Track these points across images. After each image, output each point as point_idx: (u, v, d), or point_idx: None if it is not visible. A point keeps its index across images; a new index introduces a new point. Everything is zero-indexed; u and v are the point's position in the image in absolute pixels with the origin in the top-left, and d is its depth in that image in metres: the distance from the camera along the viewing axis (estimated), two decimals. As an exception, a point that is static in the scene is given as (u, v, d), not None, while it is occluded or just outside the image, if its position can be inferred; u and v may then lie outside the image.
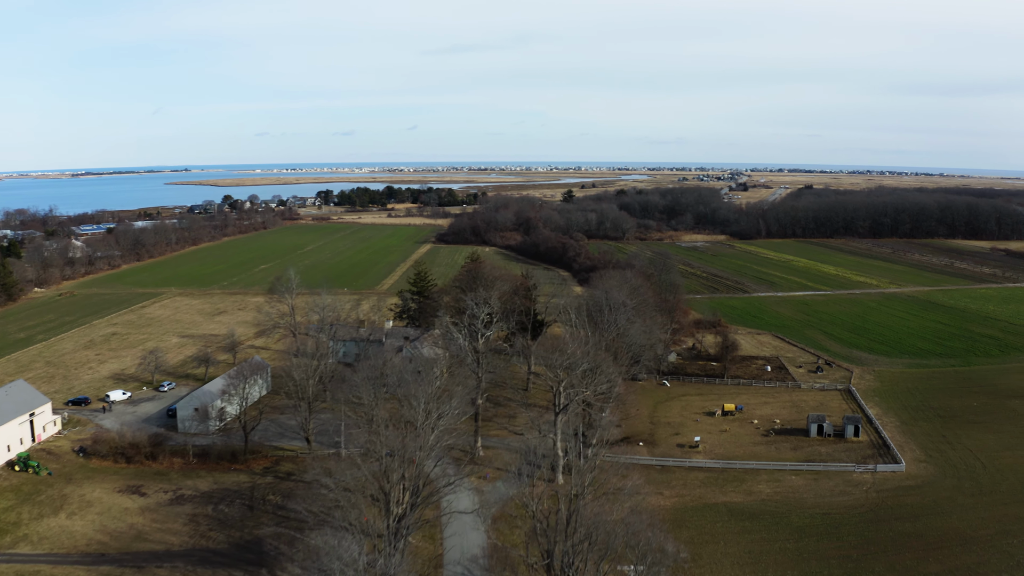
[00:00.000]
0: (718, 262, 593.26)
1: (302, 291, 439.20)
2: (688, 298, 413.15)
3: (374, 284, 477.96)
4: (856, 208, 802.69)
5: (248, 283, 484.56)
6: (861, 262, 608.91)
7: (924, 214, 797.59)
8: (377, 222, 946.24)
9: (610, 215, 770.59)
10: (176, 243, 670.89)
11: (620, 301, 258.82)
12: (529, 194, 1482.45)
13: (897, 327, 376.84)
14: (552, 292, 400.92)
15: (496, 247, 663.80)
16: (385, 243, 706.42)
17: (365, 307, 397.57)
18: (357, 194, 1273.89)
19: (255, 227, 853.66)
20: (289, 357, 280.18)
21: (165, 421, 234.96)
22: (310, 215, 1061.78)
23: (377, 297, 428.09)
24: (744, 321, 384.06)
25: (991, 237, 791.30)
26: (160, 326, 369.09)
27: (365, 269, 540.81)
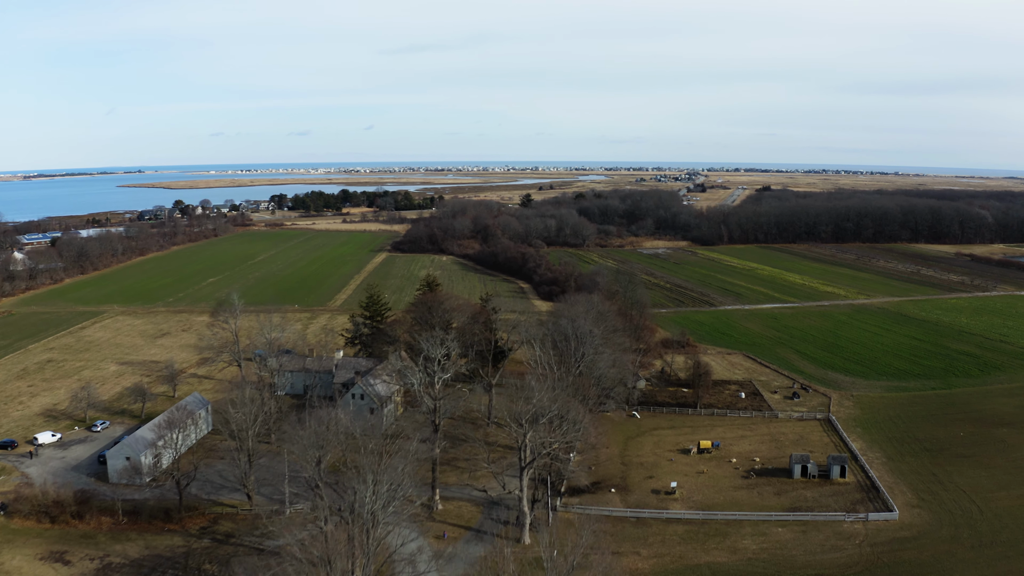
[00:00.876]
0: (681, 271, 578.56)
1: (250, 308, 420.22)
2: (654, 312, 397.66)
3: (326, 300, 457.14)
4: (819, 213, 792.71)
5: (194, 299, 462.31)
6: (827, 270, 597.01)
7: (887, 218, 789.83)
8: (331, 228, 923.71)
9: (570, 221, 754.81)
10: (123, 253, 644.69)
11: (587, 330, 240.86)
12: (487, 197, 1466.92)
13: (871, 343, 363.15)
14: (514, 311, 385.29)
15: (454, 256, 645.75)
16: (339, 252, 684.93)
17: (315, 327, 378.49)
18: (311, 198, 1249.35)
19: (205, 235, 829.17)
20: (233, 388, 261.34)
21: (95, 469, 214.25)
22: (263, 221, 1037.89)
23: (329, 315, 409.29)
24: (713, 339, 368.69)
25: (954, 241, 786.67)
26: (99, 351, 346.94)
27: (317, 282, 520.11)
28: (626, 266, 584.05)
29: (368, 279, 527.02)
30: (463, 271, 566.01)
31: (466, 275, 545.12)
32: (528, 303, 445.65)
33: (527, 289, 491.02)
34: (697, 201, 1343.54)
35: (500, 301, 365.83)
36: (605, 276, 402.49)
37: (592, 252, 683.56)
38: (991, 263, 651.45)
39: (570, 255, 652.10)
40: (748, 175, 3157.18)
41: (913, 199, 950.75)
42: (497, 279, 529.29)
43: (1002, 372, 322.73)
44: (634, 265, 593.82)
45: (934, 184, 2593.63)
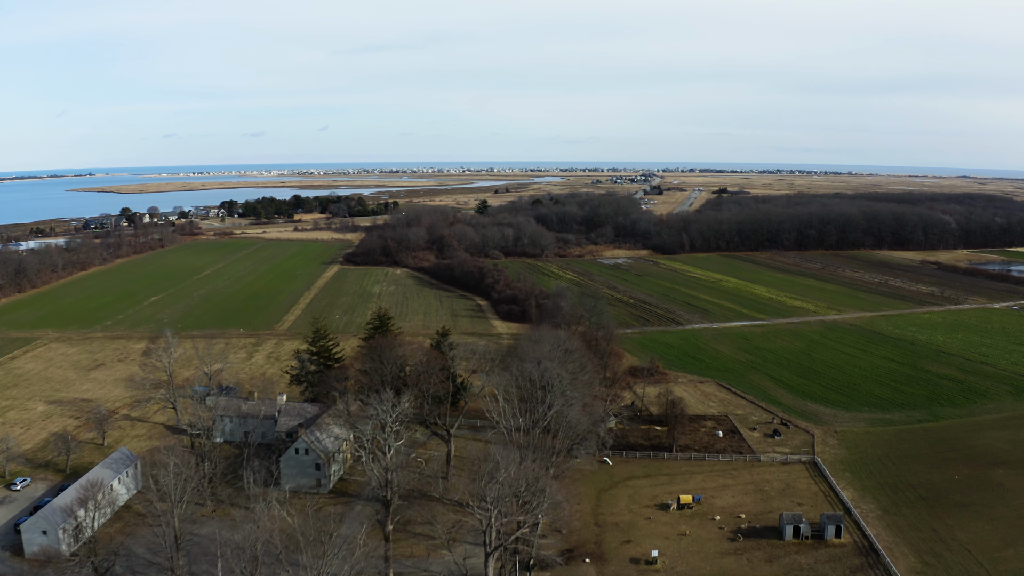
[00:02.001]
0: (644, 284, 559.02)
1: (192, 333, 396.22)
2: (620, 334, 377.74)
3: (273, 322, 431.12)
4: (781, 220, 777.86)
5: (134, 322, 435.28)
6: (793, 281, 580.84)
7: (850, 225, 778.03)
8: (282, 237, 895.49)
9: (527, 230, 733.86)
10: (63, 268, 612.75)
11: (555, 374, 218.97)
12: (442, 201, 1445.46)
13: (847, 367, 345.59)
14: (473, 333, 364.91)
15: (408, 269, 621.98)
16: (289, 265, 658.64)
17: (261, 356, 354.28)
18: (262, 204, 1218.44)
19: (151, 246, 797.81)
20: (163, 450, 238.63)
21: (12, 540, 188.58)
22: (212, 229, 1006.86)
23: (275, 341, 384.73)
24: (683, 364, 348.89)
25: (918, 247, 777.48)
26: (27, 386, 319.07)
27: (265, 300, 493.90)
28: (587, 279, 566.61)
29: (319, 297, 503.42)
30: (418, 286, 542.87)
31: (421, 291, 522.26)
32: (487, 323, 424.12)
33: (485, 307, 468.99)
34: (655, 204, 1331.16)
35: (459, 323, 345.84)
36: (569, 298, 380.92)
37: (551, 263, 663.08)
38: (958, 271, 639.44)
39: (529, 267, 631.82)
40: (703, 176, 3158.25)
41: (875, 204, 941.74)
42: (454, 295, 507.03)
43: (988, 399, 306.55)
44: (595, 277, 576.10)
45: (889, 184, 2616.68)
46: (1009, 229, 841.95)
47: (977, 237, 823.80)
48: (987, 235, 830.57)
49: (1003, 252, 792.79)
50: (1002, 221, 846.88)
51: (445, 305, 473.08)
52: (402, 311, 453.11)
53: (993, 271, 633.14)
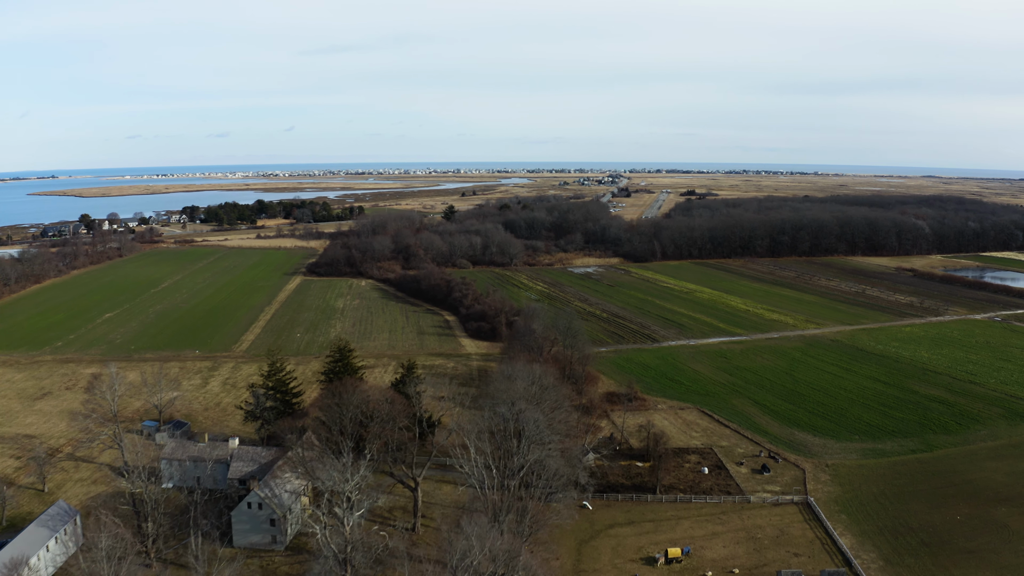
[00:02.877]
0: (617, 295, 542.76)
1: (146, 356, 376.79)
2: (594, 352, 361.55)
3: (231, 343, 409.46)
4: (754, 227, 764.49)
5: (86, 343, 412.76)
6: (768, 291, 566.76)
7: (823, 231, 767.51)
8: (244, 245, 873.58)
9: (496, 238, 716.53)
10: (16, 282, 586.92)
11: (531, 419, 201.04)
12: (408, 205, 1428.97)
13: (832, 389, 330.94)
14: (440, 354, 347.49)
15: (373, 280, 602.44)
16: (250, 276, 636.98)
17: (217, 382, 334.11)
18: (225, 210, 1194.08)
19: (109, 255, 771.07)
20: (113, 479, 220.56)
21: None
22: (173, 236, 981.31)
23: (233, 364, 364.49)
24: (661, 387, 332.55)
25: (892, 253, 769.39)
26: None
27: (223, 317, 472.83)
28: (558, 291, 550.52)
29: (280, 312, 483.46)
30: (383, 300, 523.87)
31: (387, 305, 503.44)
32: (455, 342, 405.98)
33: (453, 323, 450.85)
34: (623, 208, 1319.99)
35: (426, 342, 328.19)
36: (541, 319, 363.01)
37: (521, 272, 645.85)
38: (934, 279, 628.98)
39: (498, 277, 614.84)
40: (670, 177, 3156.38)
41: (847, 208, 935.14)
42: (420, 310, 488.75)
43: (981, 424, 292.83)
44: (566, 289, 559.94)
45: (856, 185, 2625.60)
46: (982, 234, 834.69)
47: (951, 242, 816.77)
48: (960, 240, 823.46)
49: (977, 257, 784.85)
50: (975, 226, 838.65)
51: (411, 321, 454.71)
52: (366, 329, 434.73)
53: (970, 279, 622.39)
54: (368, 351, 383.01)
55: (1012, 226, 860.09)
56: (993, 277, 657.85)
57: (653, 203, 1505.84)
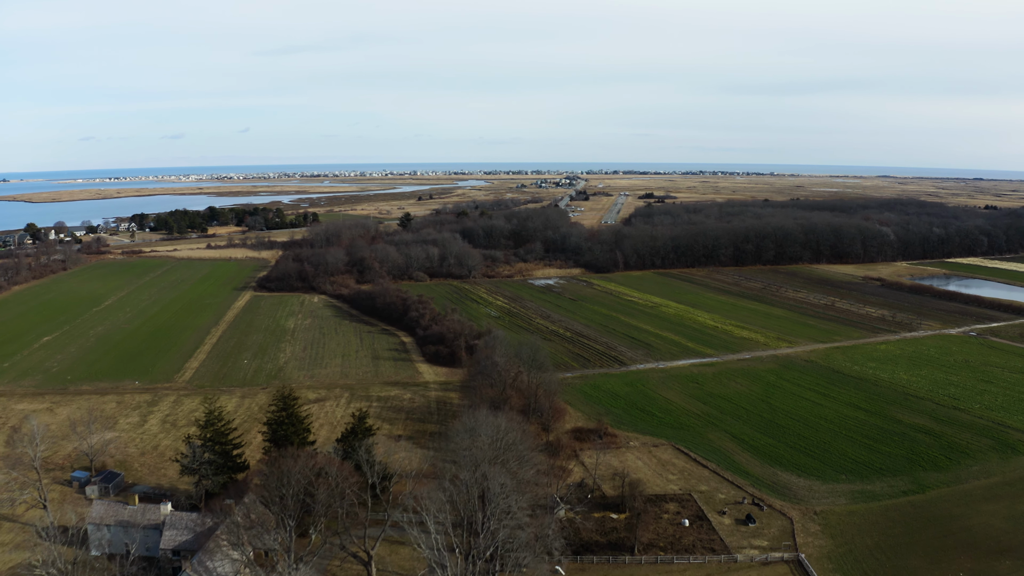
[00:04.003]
0: (580, 311, 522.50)
1: (81, 388, 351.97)
2: (558, 378, 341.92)
3: (173, 371, 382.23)
4: (717, 235, 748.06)
5: (20, 372, 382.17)
6: (735, 304, 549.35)
7: (788, 239, 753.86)
8: (194, 255, 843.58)
9: (453, 248, 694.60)
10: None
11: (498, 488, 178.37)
12: (364, 210, 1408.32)
13: (812, 419, 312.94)
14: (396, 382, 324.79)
15: (327, 296, 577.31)
16: (198, 291, 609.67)
17: (156, 420, 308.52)
18: (175, 218, 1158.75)
19: (53, 268, 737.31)
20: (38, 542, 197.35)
21: None
22: (121, 246, 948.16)
23: (175, 397, 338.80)
24: (632, 419, 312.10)
25: (857, 260, 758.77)
26: None
27: (167, 340, 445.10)
28: (519, 306, 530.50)
29: (227, 334, 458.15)
30: (337, 319, 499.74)
31: (340, 325, 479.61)
32: (412, 368, 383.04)
33: (410, 345, 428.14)
34: (582, 212, 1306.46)
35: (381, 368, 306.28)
36: (504, 347, 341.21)
37: (480, 286, 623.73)
38: (903, 289, 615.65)
39: (456, 292, 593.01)
40: (628, 178, 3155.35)
41: (810, 215, 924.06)
42: (375, 330, 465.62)
43: (971, 459, 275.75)
44: (527, 304, 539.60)
45: (813, 185, 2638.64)
46: (947, 240, 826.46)
47: (916, 248, 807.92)
48: (926, 246, 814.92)
49: (942, 264, 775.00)
50: (940, 232, 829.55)
51: (366, 344, 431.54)
52: (318, 353, 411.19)
53: (939, 289, 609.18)
54: (320, 380, 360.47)
55: (977, 231, 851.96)
56: (960, 285, 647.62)
57: (612, 207, 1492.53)
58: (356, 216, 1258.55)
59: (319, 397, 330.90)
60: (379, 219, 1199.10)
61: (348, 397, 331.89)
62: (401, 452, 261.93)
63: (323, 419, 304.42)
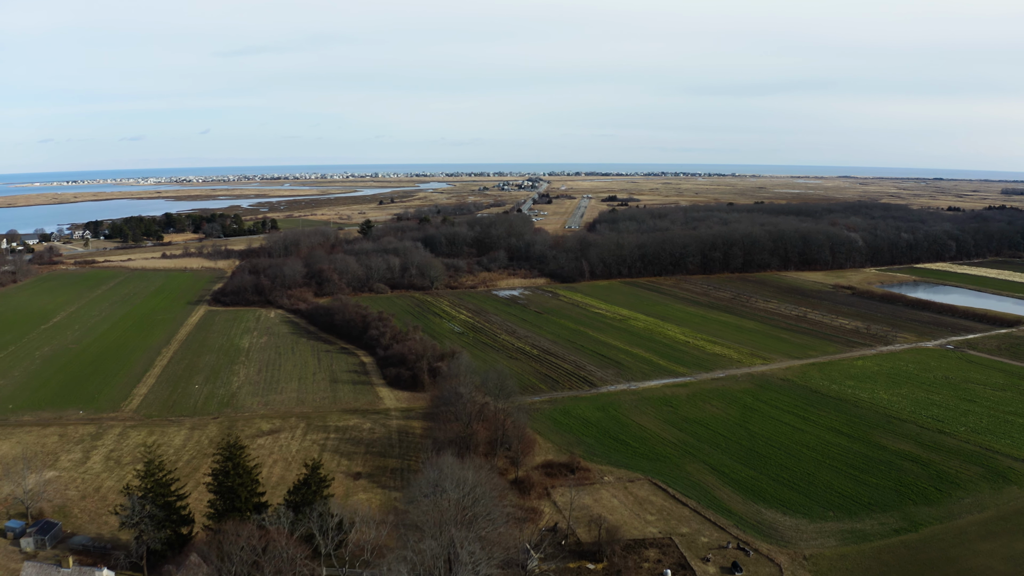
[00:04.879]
0: (547, 325, 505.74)
1: (23, 419, 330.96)
2: (526, 402, 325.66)
3: (120, 399, 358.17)
4: (685, 243, 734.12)
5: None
6: (705, 316, 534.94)
7: (756, 246, 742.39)
8: (149, 266, 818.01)
9: (415, 258, 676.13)
10: None
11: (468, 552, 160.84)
12: (324, 215, 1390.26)
13: (793, 447, 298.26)
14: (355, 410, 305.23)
15: (284, 311, 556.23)
16: (150, 306, 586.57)
17: (98, 459, 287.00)
18: (130, 225, 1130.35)
19: (2, 281, 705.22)
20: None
21: None
22: (74, 256, 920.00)
23: (120, 430, 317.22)
24: (606, 450, 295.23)
25: (825, 267, 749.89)
26: None
27: (116, 362, 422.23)
28: (483, 320, 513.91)
29: (178, 355, 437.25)
30: (294, 336, 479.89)
31: (298, 344, 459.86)
32: (372, 392, 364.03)
33: (370, 366, 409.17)
34: (545, 216, 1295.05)
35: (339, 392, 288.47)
36: (469, 375, 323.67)
37: (443, 298, 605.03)
38: (875, 298, 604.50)
39: (418, 305, 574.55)
40: (590, 180, 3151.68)
41: (776, 219, 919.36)
42: (334, 350, 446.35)
43: (963, 490, 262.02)
44: (491, 318, 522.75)
45: (775, 187, 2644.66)
46: (915, 245, 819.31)
47: (884, 254, 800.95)
48: (894, 252, 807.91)
49: (911, 270, 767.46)
50: (908, 237, 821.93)
51: (324, 365, 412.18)
52: (273, 376, 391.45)
53: (911, 298, 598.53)
54: (274, 408, 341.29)
55: (945, 236, 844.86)
56: (932, 293, 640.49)
57: (575, 210, 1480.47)
58: (316, 222, 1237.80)
59: (273, 428, 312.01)
60: (339, 225, 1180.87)
61: (304, 427, 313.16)
62: (360, 493, 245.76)
63: (277, 454, 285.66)
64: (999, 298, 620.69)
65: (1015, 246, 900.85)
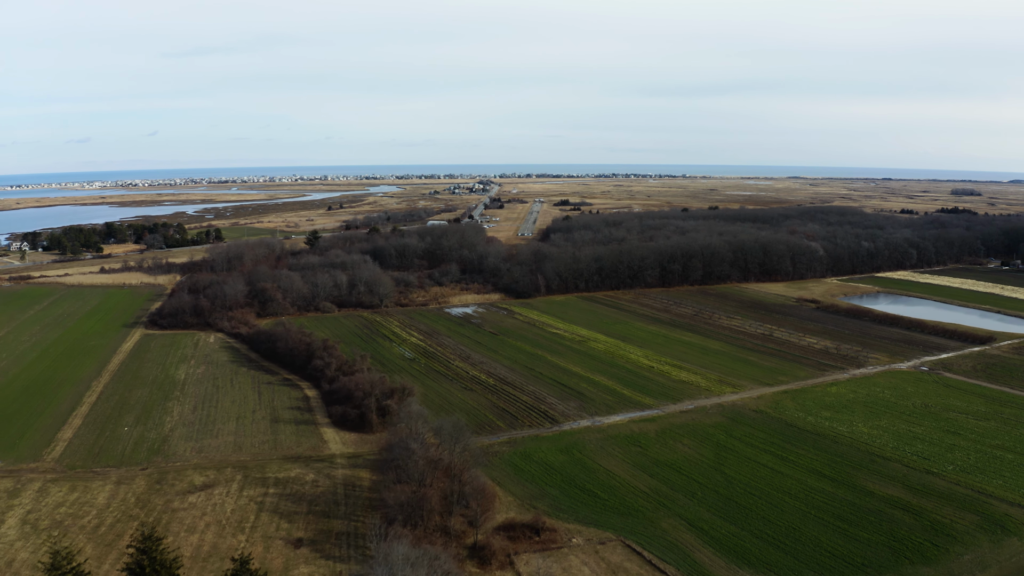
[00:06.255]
0: (503, 349, 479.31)
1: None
2: (483, 444, 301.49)
3: (42, 445, 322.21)
4: (643, 256, 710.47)
5: None
6: (668, 336, 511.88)
7: (716, 258, 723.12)
8: (86, 281, 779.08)
9: (364, 274, 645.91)
10: None
11: None
12: (271, 222, 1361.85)
13: (774, 494, 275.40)
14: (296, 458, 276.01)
15: (224, 334, 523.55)
16: (84, 328, 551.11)
17: (13, 524, 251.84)
18: (69, 236, 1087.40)
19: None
20: None
21: None
22: (9, 271, 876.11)
23: (40, 485, 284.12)
24: (572, 503, 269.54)
25: (786, 277, 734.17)
26: None
27: (42, 398, 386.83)
28: (435, 344, 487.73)
29: (109, 388, 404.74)
30: (233, 365, 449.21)
31: (238, 375, 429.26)
32: (316, 434, 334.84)
33: (314, 401, 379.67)
34: (497, 223, 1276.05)
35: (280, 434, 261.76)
36: (420, 420, 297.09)
37: (393, 318, 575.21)
38: (840, 313, 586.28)
39: (366, 326, 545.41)
40: (542, 183, 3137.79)
41: (732, 226, 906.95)
42: (276, 381, 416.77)
43: (960, 544, 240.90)
44: (444, 340, 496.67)
45: (725, 188, 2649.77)
46: (876, 254, 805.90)
47: (845, 264, 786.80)
48: (855, 261, 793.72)
49: (873, 280, 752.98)
50: (868, 245, 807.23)
51: (265, 400, 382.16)
52: (209, 415, 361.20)
53: (879, 312, 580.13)
54: (209, 456, 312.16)
55: (905, 244, 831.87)
56: (897, 305, 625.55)
57: (527, 215, 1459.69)
58: (262, 230, 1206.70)
59: (207, 482, 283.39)
60: (286, 233, 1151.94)
61: (241, 480, 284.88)
62: (302, 566, 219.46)
63: (210, 515, 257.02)
64: (966, 310, 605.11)
65: (975, 252, 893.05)
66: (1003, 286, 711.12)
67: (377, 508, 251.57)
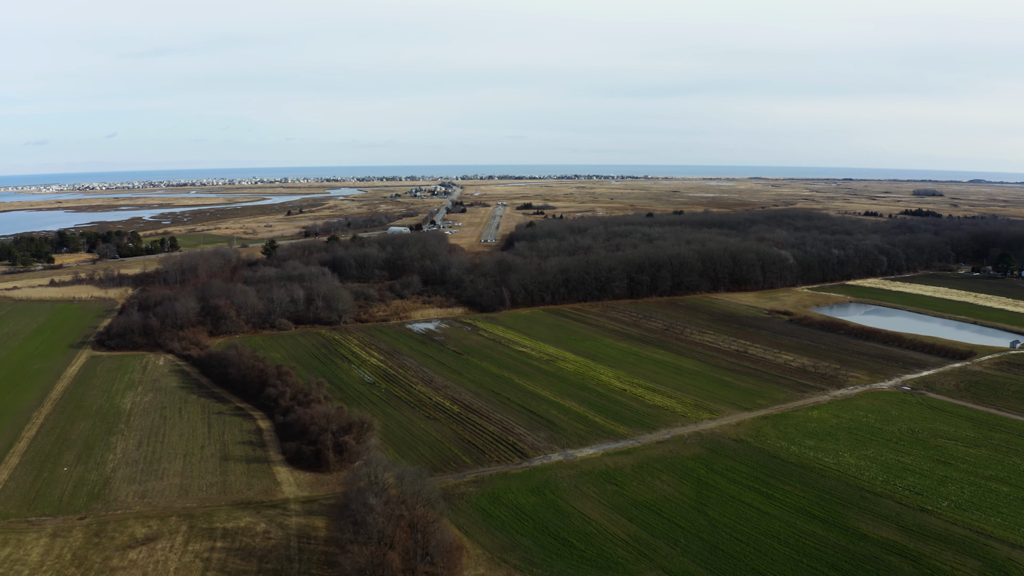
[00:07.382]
0: (468, 370, 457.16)
1: None
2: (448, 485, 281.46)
3: None
4: (611, 267, 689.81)
5: None
6: (639, 354, 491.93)
7: (685, 267, 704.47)
8: (35, 295, 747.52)
9: (322, 288, 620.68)
10: None
11: None
12: (229, 229, 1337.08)
13: (763, 540, 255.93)
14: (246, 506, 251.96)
15: (175, 356, 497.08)
16: (29, 349, 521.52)
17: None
18: (19, 246, 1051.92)
19: None
20: None
21: None
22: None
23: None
24: (546, 555, 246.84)
25: (756, 286, 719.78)
26: None
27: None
28: (396, 365, 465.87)
29: (49, 422, 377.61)
30: (183, 392, 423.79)
31: (187, 402, 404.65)
32: (270, 476, 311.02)
33: (267, 434, 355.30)
34: (460, 228, 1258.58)
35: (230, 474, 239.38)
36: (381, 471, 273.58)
37: (352, 336, 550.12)
38: (815, 326, 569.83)
39: (324, 345, 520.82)
40: (504, 184, 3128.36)
41: (700, 233, 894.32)
42: (228, 411, 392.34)
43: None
44: (406, 361, 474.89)
45: (688, 189, 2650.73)
46: (847, 261, 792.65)
47: (815, 272, 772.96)
48: (825, 268, 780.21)
49: (844, 288, 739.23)
50: (839, 253, 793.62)
51: (215, 434, 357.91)
52: (155, 453, 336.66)
53: (854, 325, 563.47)
54: (153, 502, 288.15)
55: (876, 251, 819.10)
56: (871, 316, 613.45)
57: (490, 220, 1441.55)
58: (219, 237, 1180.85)
59: (149, 534, 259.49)
60: (244, 241, 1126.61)
61: (187, 532, 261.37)
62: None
63: (152, 575, 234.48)
64: (942, 321, 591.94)
65: (944, 258, 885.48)
66: (976, 294, 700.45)
67: (334, 566, 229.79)
